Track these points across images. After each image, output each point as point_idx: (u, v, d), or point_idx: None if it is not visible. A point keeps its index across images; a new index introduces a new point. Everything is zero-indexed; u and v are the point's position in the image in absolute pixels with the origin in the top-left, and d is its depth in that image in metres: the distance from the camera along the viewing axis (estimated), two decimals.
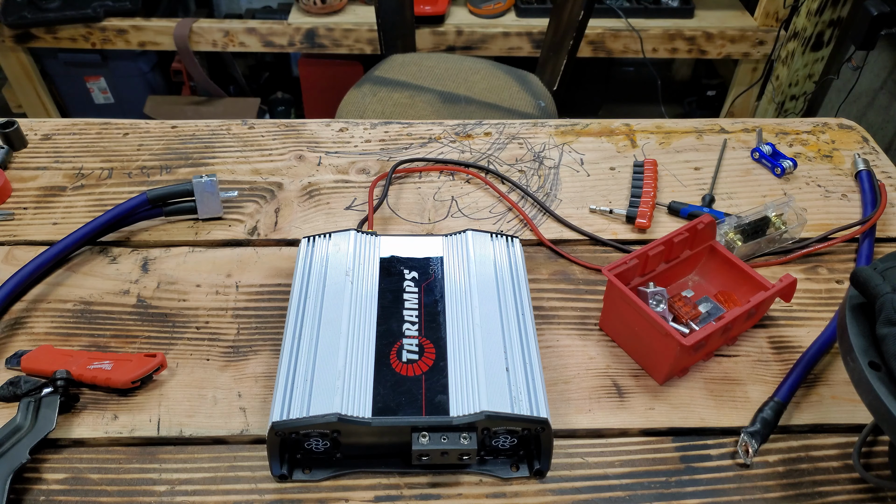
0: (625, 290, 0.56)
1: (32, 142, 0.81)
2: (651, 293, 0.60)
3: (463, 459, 0.50)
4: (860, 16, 1.59)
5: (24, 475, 0.52)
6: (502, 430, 0.50)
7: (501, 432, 0.50)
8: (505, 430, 0.50)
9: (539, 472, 0.52)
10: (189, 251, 0.69)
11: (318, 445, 0.50)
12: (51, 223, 0.71)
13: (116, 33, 1.88)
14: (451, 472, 0.52)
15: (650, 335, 0.56)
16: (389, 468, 0.52)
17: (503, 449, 0.52)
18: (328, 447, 0.50)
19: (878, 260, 0.48)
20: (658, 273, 0.62)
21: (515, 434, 0.50)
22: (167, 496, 0.51)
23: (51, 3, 1.84)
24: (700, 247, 0.63)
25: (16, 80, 2.00)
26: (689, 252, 0.63)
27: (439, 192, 0.76)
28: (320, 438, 0.50)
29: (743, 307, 0.56)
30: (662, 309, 0.59)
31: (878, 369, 0.43)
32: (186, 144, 0.81)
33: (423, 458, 0.49)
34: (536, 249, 0.70)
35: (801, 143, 0.83)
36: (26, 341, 0.61)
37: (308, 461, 0.52)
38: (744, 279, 0.61)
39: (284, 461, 0.51)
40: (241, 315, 0.63)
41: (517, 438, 0.51)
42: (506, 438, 0.51)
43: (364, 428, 0.48)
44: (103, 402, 0.56)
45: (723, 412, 0.57)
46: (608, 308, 0.61)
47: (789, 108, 2.03)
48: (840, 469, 0.53)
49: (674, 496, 0.52)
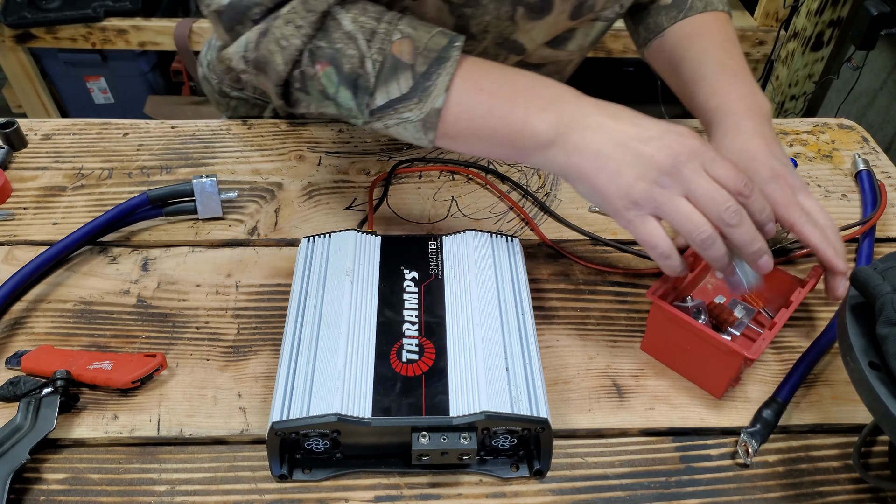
0: (676, 312, 0.55)
1: (32, 142, 0.81)
2: (691, 307, 0.59)
3: (463, 459, 0.50)
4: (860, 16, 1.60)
5: (24, 475, 0.52)
6: (502, 430, 0.50)
7: (501, 432, 0.50)
8: (505, 430, 0.50)
9: (539, 472, 0.52)
10: (189, 251, 0.69)
11: (318, 445, 0.50)
12: (51, 223, 0.71)
13: (116, 33, 1.88)
14: (451, 473, 0.52)
15: (707, 352, 0.55)
16: (389, 468, 0.52)
17: (503, 449, 0.52)
18: (328, 447, 0.50)
19: (878, 260, 0.48)
20: (687, 282, 0.61)
21: (515, 434, 0.50)
22: (167, 496, 0.51)
23: (51, 3, 1.84)
24: None
25: (16, 80, 2.00)
26: None
27: (439, 192, 0.76)
28: (320, 438, 0.50)
29: (789, 308, 0.56)
30: (704, 320, 0.58)
31: (879, 369, 0.43)
32: (186, 144, 0.81)
33: (423, 458, 0.49)
34: (536, 249, 0.70)
35: (801, 143, 0.83)
36: (26, 341, 0.61)
37: (308, 461, 0.52)
38: (767, 277, 0.61)
39: (284, 461, 0.51)
40: (241, 315, 0.63)
41: (517, 438, 0.51)
42: (506, 438, 0.51)
43: (364, 428, 0.48)
44: (103, 402, 0.56)
45: (723, 412, 0.57)
46: (653, 330, 0.59)
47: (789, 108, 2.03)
48: (840, 469, 0.53)
49: (674, 496, 0.52)
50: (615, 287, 0.66)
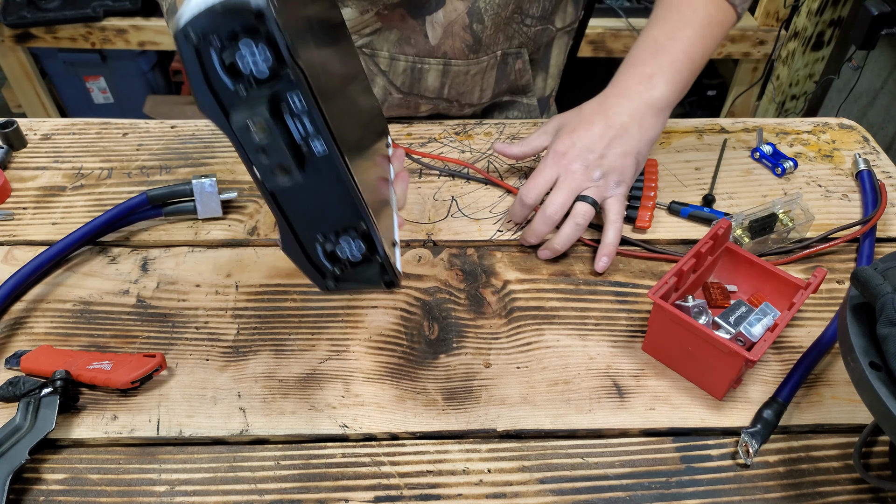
0: (677, 313, 0.55)
1: (32, 142, 0.81)
2: (692, 307, 0.59)
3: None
4: (860, 16, 1.60)
5: (24, 475, 0.52)
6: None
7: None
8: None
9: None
10: (189, 251, 0.69)
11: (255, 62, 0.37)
12: (50, 223, 0.71)
13: (116, 33, 1.87)
14: (451, 473, 0.52)
15: (708, 353, 0.55)
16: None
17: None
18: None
19: (879, 260, 0.48)
20: (689, 284, 0.61)
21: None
22: (167, 496, 0.51)
23: (50, 3, 1.83)
24: (718, 250, 0.63)
25: (15, 80, 2.00)
26: (710, 257, 0.63)
27: (439, 192, 0.75)
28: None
29: (791, 310, 0.56)
30: (706, 320, 0.58)
31: (879, 369, 0.42)
32: (186, 144, 0.81)
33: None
34: (536, 249, 0.70)
35: (802, 143, 0.83)
36: (26, 341, 0.61)
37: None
38: (768, 278, 0.61)
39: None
40: (241, 315, 0.63)
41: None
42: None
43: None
44: (103, 403, 0.56)
45: (723, 412, 0.57)
46: (655, 331, 0.59)
47: (790, 107, 2.03)
48: (840, 469, 0.53)
49: (674, 496, 0.51)
50: (615, 287, 0.66)
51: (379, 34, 0.79)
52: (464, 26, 0.77)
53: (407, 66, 0.81)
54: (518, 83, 0.89)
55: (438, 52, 0.80)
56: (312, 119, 0.39)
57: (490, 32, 0.79)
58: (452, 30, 0.78)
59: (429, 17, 0.77)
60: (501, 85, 0.88)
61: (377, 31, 0.79)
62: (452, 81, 0.83)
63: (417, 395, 0.57)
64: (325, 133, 0.39)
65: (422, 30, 0.78)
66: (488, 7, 0.76)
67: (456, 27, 0.77)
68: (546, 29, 0.84)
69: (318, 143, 0.39)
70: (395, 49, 0.80)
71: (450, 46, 0.79)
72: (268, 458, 0.53)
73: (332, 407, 0.56)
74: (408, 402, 0.57)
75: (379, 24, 0.78)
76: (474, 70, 0.83)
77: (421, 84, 0.83)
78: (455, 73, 0.82)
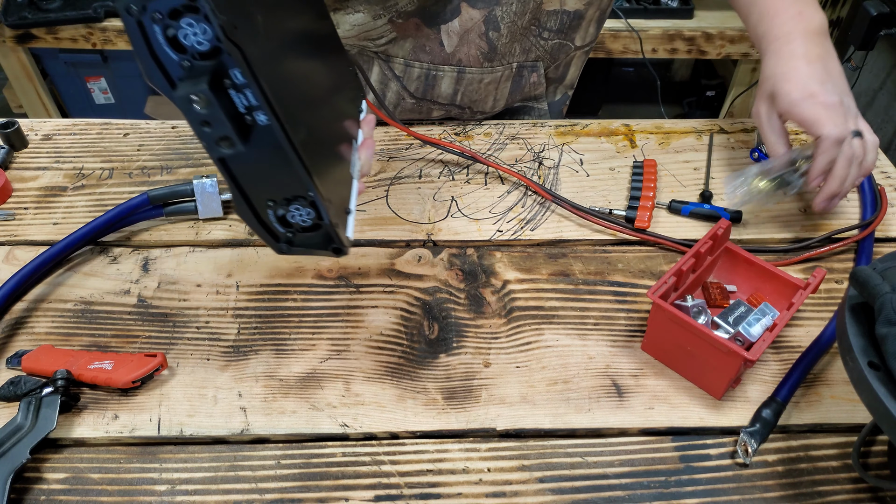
0: (677, 313, 0.55)
1: (33, 142, 0.81)
2: (691, 307, 0.59)
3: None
4: (859, 16, 1.60)
5: (25, 475, 0.52)
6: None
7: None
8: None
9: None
10: (189, 251, 0.69)
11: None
12: (51, 223, 0.71)
13: (117, 33, 1.88)
14: (451, 472, 0.52)
15: (707, 353, 0.55)
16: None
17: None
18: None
19: (878, 260, 0.49)
20: (688, 283, 0.62)
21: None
22: (167, 496, 0.51)
23: (51, 4, 1.84)
24: (717, 250, 0.63)
25: (16, 81, 2.00)
26: (710, 257, 0.63)
27: (439, 192, 0.76)
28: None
29: (790, 310, 0.56)
30: (705, 320, 0.58)
31: (878, 369, 0.43)
32: (187, 145, 0.81)
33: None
34: (536, 249, 0.70)
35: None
36: (27, 341, 0.61)
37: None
38: (767, 278, 0.61)
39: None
40: (242, 315, 0.63)
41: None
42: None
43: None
44: (104, 402, 0.56)
45: (722, 412, 0.57)
46: (654, 331, 0.59)
47: None
48: (839, 469, 0.53)
49: (673, 496, 0.52)
50: (615, 287, 0.66)
51: (395, 42, 0.80)
52: (480, 34, 0.78)
53: (421, 72, 0.82)
54: (532, 94, 0.90)
55: (453, 60, 0.80)
56: (255, 92, 0.39)
57: (506, 41, 0.79)
58: (468, 37, 0.78)
59: (444, 27, 0.77)
60: (515, 96, 0.88)
61: (393, 41, 0.79)
62: (466, 89, 0.83)
63: (417, 395, 0.57)
64: (266, 107, 0.40)
65: (437, 38, 0.78)
66: (505, 15, 0.77)
67: (472, 35, 0.78)
68: (564, 45, 0.84)
69: (262, 115, 0.40)
70: (410, 56, 0.81)
71: (465, 53, 0.80)
72: (268, 457, 0.53)
73: (333, 406, 0.56)
74: (408, 402, 0.57)
75: (395, 35, 0.79)
76: (488, 79, 0.83)
77: (434, 90, 0.83)
78: (469, 80, 0.82)
